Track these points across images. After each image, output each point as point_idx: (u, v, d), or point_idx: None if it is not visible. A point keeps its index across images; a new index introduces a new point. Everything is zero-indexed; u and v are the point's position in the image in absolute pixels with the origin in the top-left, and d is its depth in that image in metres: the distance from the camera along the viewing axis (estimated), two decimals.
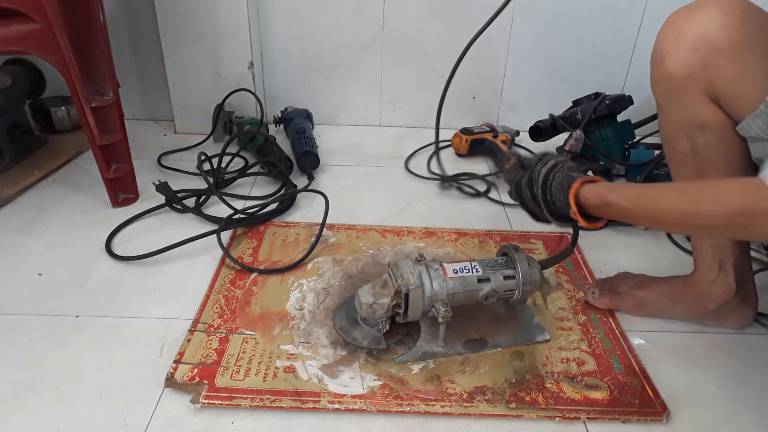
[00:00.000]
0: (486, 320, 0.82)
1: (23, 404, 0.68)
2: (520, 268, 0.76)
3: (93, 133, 1.02)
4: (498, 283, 0.75)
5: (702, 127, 0.69)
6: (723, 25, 0.63)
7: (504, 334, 0.80)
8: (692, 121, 0.70)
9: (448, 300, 0.73)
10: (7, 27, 0.91)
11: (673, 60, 0.67)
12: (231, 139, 1.18)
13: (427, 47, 1.50)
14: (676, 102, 0.70)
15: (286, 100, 1.57)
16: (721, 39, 0.63)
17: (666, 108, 0.73)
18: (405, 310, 0.73)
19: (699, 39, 0.64)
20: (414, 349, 0.76)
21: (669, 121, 0.74)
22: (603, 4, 1.43)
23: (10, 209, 1.10)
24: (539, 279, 0.78)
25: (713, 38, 0.63)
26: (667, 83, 0.69)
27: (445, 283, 0.73)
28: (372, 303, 0.73)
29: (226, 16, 1.37)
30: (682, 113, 0.70)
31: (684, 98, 0.69)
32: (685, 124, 0.71)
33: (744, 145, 0.68)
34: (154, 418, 0.66)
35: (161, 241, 0.97)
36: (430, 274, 0.73)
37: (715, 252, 0.77)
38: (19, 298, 0.85)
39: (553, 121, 1.37)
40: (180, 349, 0.75)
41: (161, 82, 1.48)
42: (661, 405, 0.70)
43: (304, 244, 1.01)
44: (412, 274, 0.73)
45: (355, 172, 1.33)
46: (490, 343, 0.78)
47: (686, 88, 0.68)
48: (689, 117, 0.70)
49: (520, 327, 0.81)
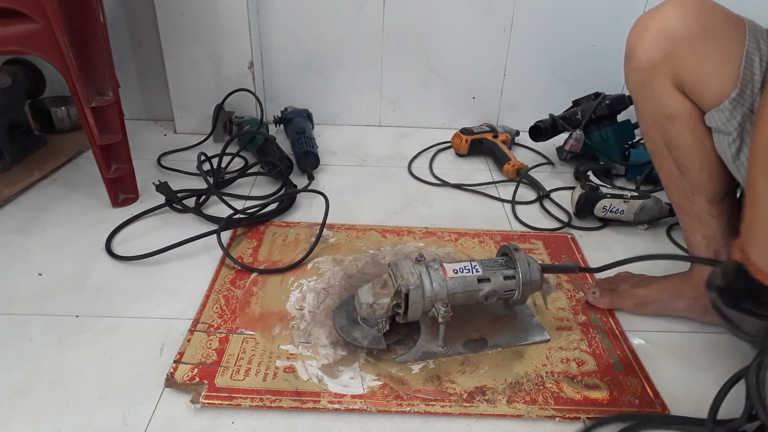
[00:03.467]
0: (486, 320, 0.82)
1: (23, 404, 0.68)
2: (520, 268, 0.76)
3: (93, 133, 1.02)
4: (498, 283, 0.75)
5: (671, 116, 0.73)
6: (680, 17, 0.68)
7: (504, 334, 0.80)
8: (662, 111, 0.74)
9: (448, 300, 0.73)
10: (7, 27, 0.91)
11: (639, 53, 0.72)
12: (231, 139, 1.19)
13: (427, 47, 1.50)
14: (647, 94, 0.75)
15: (286, 100, 1.57)
16: (679, 30, 0.68)
17: (639, 102, 0.77)
18: (405, 310, 0.73)
19: (660, 31, 0.70)
20: (414, 349, 0.76)
21: (644, 115, 0.78)
22: (603, 4, 1.43)
23: (10, 209, 1.10)
24: (539, 279, 0.78)
25: (672, 30, 0.69)
26: (637, 76, 0.74)
27: (445, 283, 0.73)
28: (372, 303, 0.73)
29: (226, 16, 1.37)
30: (653, 104, 0.75)
31: (653, 89, 0.73)
32: (656, 115, 0.75)
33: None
34: (154, 418, 0.66)
35: (161, 241, 0.97)
36: (430, 274, 0.73)
37: (708, 244, 0.78)
38: (19, 298, 0.85)
39: (553, 121, 1.37)
40: (180, 349, 0.75)
41: (161, 82, 1.48)
42: (661, 405, 0.70)
43: (304, 244, 1.01)
44: (412, 274, 0.73)
45: (355, 172, 1.33)
46: (490, 343, 0.78)
47: (653, 79, 0.72)
48: (659, 107, 0.74)
49: (520, 327, 0.81)
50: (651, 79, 0.73)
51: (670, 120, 0.74)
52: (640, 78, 0.74)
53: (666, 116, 0.74)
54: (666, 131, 0.75)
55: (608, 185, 1.13)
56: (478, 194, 1.24)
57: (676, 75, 0.71)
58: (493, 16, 1.45)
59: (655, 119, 0.76)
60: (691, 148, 0.74)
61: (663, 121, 0.75)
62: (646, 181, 1.25)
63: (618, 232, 1.10)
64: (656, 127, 0.76)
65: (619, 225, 1.11)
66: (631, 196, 1.08)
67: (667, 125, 0.75)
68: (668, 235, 1.08)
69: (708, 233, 0.78)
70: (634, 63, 0.74)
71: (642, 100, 0.77)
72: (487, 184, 1.28)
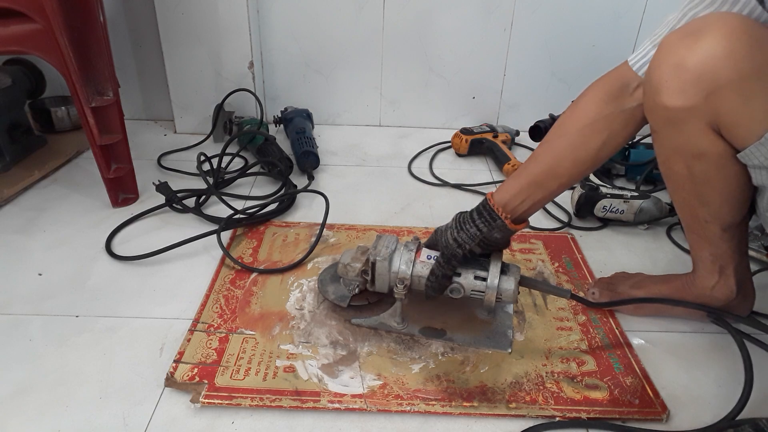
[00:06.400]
0: (458, 317, 0.82)
1: (23, 404, 0.68)
2: (492, 274, 0.73)
3: (93, 133, 1.02)
4: (467, 281, 0.74)
5: (700, 156, 0.65)
6: (729, 55, 0.56)
7: (466, 334, 0.79)
8: (689, 149, 0.66)
9: (413, 281, 0.76)
10: (7, 27, 0.91)
11: (672, 91, 0.61)
12: (231, 139, 1.19)
13: (427, 47, 1.50)
14: (674, 131, 0.65)
15: (286, 100, 1.57)
16: (727, 69, 0.57)
17: (661, 133, 0.68)
18: (372, 278, 0.77)
19: (702, 71, 0.58)
20: (373, 317, 0.81)
21: (664, 145, 0.69)
22: (603, 4, 1.43)
23: (10, 209, 1.10)
24: (512, 290, 0.73)
25: (719, 69, 0.57)
26: (665, 113, 0.64)
27: (413, 264, 0.76)
28: (347, 264, 0.80)
29: (226, 16, 1.37)
30: (678, 140, 0.66)
31: (683, 128, 0.64)
32: (681, 150, 0.67)
33: (743, 170, 0.64)
34: (154, 418, 0.66)
35: (161, 241, 0.97)
36: (402, 253, 0.76)
37: (714, 260, 0.76)
38: (19, 298, 0.85)
39: (553, 121, 1.37)
40: (180, 348, 0.75)
41: (161, 82, 1.48)
42: (661, 405, 0.70)
43: (304, 244, 1.01)
44: (386, 248, 0.77)
45: (355, 172, 1.33)
46: (446, 336, 0.79)
47: (686, 119, 0.62)
48: (686, 145, 0.66)
49: (488, 333, 0.80)
50: (683, 119, 0.62)
51: (697, 158, 0.66)
52: (669, 116, 0.63)
53: (693, 154, 0.66)
54: (691, 167, 0.67)
55: (608, 185, 1.13)
56: (479, 194, 1.24)
57: (715, 116, 0.60)
58: (493, 16, 1.45)
59: (679, 153, 0.68)
60: (715, 184, 0.67)
61: (689, 157, 0.67)
62: (646, 181, 1.25)
63: (618, 232, 1.10)
64: (679, 159, 0.68)
65: (619, 225, 1.11)
66: (631, 196, 1.08)
67: (693, 162, 0.67)
68: (668, 235, 1.08)
69: (716, 252, 0.76)
70: (663, 100, 0.62)
71: (665, 134, 0.67)
72: (487, 184, 1.28)
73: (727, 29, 0.57)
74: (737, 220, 0.71)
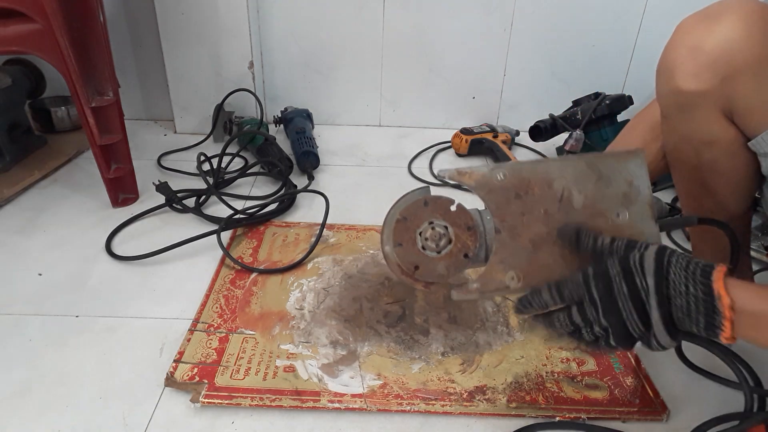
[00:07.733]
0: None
1: (23, 404, 0.68)
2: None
3: (93, 133, 1.02)
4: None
5: (710, 143, 0.64)
6: (747, 37, 0.56)
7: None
8: (700, 136, 0.65)
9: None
10: (7, 27, 0.91)
11: (686, 75, 0.60)
12: (231, 139, 1.18)
13: (427, 47, 1.50)
14: (685, 116, 0.64)
15: (286, 100, 1.57)
16: (744, 53, 0.56)
17: (672, 119, 0.67)
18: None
19: (719, 54, 0.57)
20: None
21: (674, 131, 0.68)
22: (603, 4, 1.43)
23: (10, 209, 1.10)
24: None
25: (735, 53, 0.56)
26: (677, 98, 0.62)
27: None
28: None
29: (226, 16, 1.37)
30: (689, 127, 0.65)
31: (694, 113, 0.63)
32: (691, 137, 0.66)
33: (752, 158, 0.64)
34: (154, 418, 0.66)
35: (161, 241, 0.97)
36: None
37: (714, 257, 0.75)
38: (19, 298, 0.85)
39: (553, 121, 1.37)
40: (180, 348, 0.75)
41: (161, 82, 1.48)
42: (661, 405, 0.70)
43: (304, 244, 1.01)
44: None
45: (355, 172, 1.33)
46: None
47: (699, 104, 0.61)
48: (697, 132, 0.65)
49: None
50: (696, 103, 0.61)
51: (707, 145, 0.65)
52: (681, 101, 0.62)
53: (703, 142, 0.65)
54: (700, 155, 0.66)
55: None
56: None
57: (729, 102, 0.60)
58: (493, 16, 1.45)
59: (687, 140, 0.67)
60: (723, 173, 0.67)
61: (698, 145, 0.66)
62: None
63: None
64: (687, 147, 0.68)
65: None
66: None
67: (703, 149, 0.66)
68: (668, 236, 1.08)
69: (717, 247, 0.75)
70: (677, 84, 0.61)
71: (676, 120, 0.66)
72: None
73: (745, 13, 0.56)
74: (741, 211, 0.71)
